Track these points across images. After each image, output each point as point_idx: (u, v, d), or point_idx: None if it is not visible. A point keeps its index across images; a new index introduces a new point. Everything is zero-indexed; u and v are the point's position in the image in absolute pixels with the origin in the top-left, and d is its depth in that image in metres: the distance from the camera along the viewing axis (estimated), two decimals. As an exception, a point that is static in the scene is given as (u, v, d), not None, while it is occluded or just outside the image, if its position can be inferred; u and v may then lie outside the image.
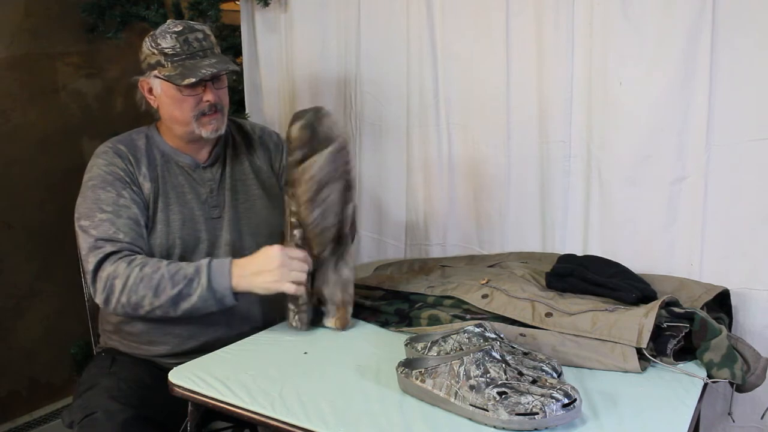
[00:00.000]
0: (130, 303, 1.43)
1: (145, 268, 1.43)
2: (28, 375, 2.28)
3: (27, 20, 2.18)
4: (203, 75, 1.49)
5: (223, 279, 1.42)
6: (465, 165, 1.90)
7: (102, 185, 1.52)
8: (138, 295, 1.42)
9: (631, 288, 1.44)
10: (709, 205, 1.55)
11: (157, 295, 1.41)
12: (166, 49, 1.51)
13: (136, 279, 1.42)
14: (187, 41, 1.52)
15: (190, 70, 1.49)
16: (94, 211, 1.49)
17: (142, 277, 1.42)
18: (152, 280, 1.42)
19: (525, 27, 1.72)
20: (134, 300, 1.42)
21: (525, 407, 1.06)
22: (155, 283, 1.42)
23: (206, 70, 1.50)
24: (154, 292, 1.41)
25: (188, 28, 1.54)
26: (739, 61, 1.48)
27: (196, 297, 1.42)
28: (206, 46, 1.54)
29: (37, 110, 2.24)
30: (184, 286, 1.41)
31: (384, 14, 1.95)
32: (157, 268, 1.43)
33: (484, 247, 1.90)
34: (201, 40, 1.54)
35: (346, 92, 2.07)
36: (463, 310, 1.49)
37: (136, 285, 1.42)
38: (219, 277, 1.42)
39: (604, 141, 1.66)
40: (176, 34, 1.52)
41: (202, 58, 1.52)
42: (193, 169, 1.61)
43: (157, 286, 1.41)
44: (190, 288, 1.41)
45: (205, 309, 1.44)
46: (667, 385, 1.23)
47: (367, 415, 1.14)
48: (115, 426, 1.33)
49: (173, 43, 1.51)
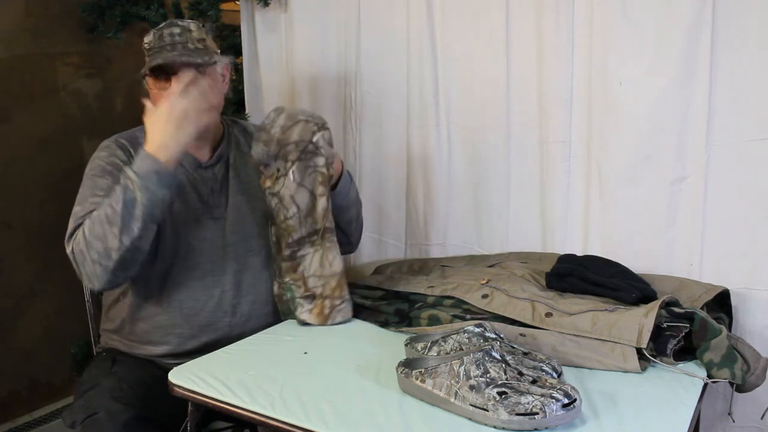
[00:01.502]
0: (100, 253, 1.38)
1: (92, 214, 1.41)
2: (28, 375, 2.28)
3: (27, 20, 2.18)
4: (150, 65, 1.50)
5: (142, 161, 1.38)
6: (465, 165, 1.90)
7: (100, 174, 1.52)
8: (100, 239, 1.38)
9: (631, 288, 1.45)
10: (709, 205, 1.55)
11: (112, 223, 1.37)
12: (145, 44, 1.55)
13: (90, 227, 1.40)
14: (161, 36, 1.53)
15: (151, 63, 1.51)
16: (87, 197, 1.49)
17: (93, 221, 1.40)
18: (101, 215, 1.39)
19: (525, 27, 1.72)
20: (101, 246, 1.38)
21: (525, 407, 1.06)
22: (104, 215, 1.38)
23: (157, 61, 1.50)
24: (108, 221, 1.37)
25: (169, 24, 1.56)
26: (739, 61, 1.48)
27: (138, 192, 1.36)
28: (179, 40, 1.53)
29: (37, 110, 2.24)
30: (123, 194, 1.37)
31: (384, 14, 1.95)
32: (100, 207, 1.41)
33: (484, 247, 1.90)
34: (175, 34, 1.53)
35: (346, 92, 2.07)
36: (463, 310, 1.49)
37: (93, 231, 1.39)
38: (139, 162, 1.39)
39: (604, 141, 1.66)
40: (157, 30, 1.54)
41: (168, 51, 1.51)
42: (194, 169, 1.61)
43: (107, 216, 1.38)
44: (129, 193, 1.37)
45: (158, 199, 1.39)
46: (667, 385, 1.23)
47: (367, 414, 1.14)
48: (117, 426, 1.33)
49: (151, 39, 1.54)
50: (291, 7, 2.11)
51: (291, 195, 1.54)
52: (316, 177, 1.55)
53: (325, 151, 1.55)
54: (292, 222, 1.55)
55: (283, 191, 1.54)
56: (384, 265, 1.93)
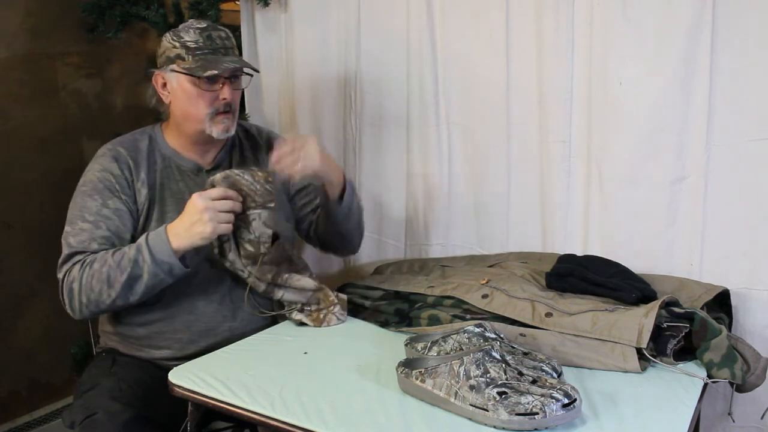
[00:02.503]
0: (91, 301, 1.44)
1: (94, 264, 1.44)
2: (28, 375, 2.28)
3: (27, 20, 2.18)
4: (225, 69, 1.50)
5: (164, 247, 1.42)
6: (465, 165, 1.90)
7: (90, 192, 1.52)
8: (95, 292, 1.43)
9: (631, 288, 1.45)
10: (709, 205, 1.55)
11: (111, 286, 1.42)
12: (189, 43, 1.52)
13: (89, 277, 1.43)
14: (210, 37, 1.53)
15: (212, 63, 1.50)
16: (77, 219, 1.51)
17: (93, 273, 1.43)
18: (102, 273, 1.42)
19: (525, 27, 1.72)
20: (93, 297, 1.44)
21: (525, 407, 1.06)
22: (105, 275, 1.42)
23: (228, 64, 1.51)
24: (108, 284, 1.42)
25: (212, 26, 1.56)
26: (739, 61, 1.48)
27: (146, 274, 1.42)
28: (228, 45, 1.56)
29: (37, 110, 2.24)
30: (132, 268, 1.42)
31: (384, 14, 1.95)
32: (104, 261, 1.43)
33: (485, 247, 1.90)
34: (224, 38, 1.56)
35: (346, 92, 2.06)
36: (463, 310, 1.49)
37: (90, 282, 1.43)
38: (159, 247, 1.42)
39: (604, 141, 1.66)
40: (200, 30, 1.53)
41: (224, 55, 1.53)
42: (195, 174, 1.61)
43: (108, 278, 1.42)
44: (138, 268, 1.42)
45: (161, 283, 1.45)
46: (667, 385, 1.23)
47: (367, 414, 1.14)
48: (116, 426, 1.32)
49: (196, 38, 1.52)
50: (291, 7, 2.11)
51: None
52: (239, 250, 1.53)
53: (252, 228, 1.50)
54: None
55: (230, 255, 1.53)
56: (384, 265, 1.93)
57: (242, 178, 1.46)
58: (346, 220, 1.68)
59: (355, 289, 1.70)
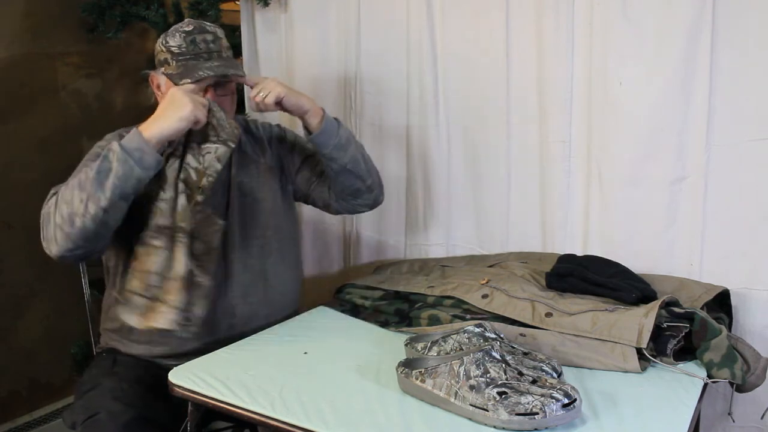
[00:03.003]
0: (64, 217, 1.35)
1: (70, 180, 1.39)
2: (28, 375, 2.28)
3: (27, 20, 2.18)
4: (200, 77, 1.47)
5: (134, 137, 1.36)
6: (465, 165, 1.90)
7: (92, 158, 1.48)
8: (68, 202, 1.35)
9: (631, 288, 1.45)
10: (709, 205, 1.55)
11: (83, 188, 1.34)
12: (173, 48, 1.51)
13: (63, 191, 1.38)
14: (194, 42, 1.51)
15: (190, 70, 1.48)
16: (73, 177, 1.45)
17: (67, 186, 1.38)
18: (73, 182, 1.37)
19: (525, 27, 1.72)
20: (66, 210, 1.35)
21: (525, 407, 1.06)
22: (77, 180, 1.36)
23: (205, 72, 1.48)
24: (79, 187, 1.35)
25: (199, 28, 1.53)
26: (739, 61, 1.48)
27: (116, 163, 1.33)
28: (213, 48, 1.52)
29: (37, 110, 2.24)
30: (101, 162, 1.34)
31: (384, 14, 1.95)
32: (78, 171, 1.38)
33: (485, 247, 1.90)
34: (209, 41, 1.52)
35: (346, 92, 2.06)
36: (463, 310, 1.49)
37: (63, 195, 1.37)
38: (130, 138, 1.37)
39: (604, 141, 1.66)
40: (185, 34, 1.51)
41: (206, 60, 1.50)
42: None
43: (80, 181, 1.35)
44: (107, 161, 1.34)
45: (132, 176, 1.35)
46: (667, 385, 1.23)
47: (367, 414, 1.14)
48: (118, 427, 1.32)
49: (180, 42, 1.50)
50: (291, 7, 2.11)
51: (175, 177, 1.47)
52: (179, 172, 1.47)
53: (203, 159, 1.46)
54: (163, 206, 1.48)
55: (168, 171, 1.47)
56: (384, 265, 1.93)
57: (217, 111, 1.44)
58: (341, 150, 1.60)
59: (355, 289, 1.70)
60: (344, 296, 1.71)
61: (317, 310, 1.68)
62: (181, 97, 1.39)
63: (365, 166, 1.68)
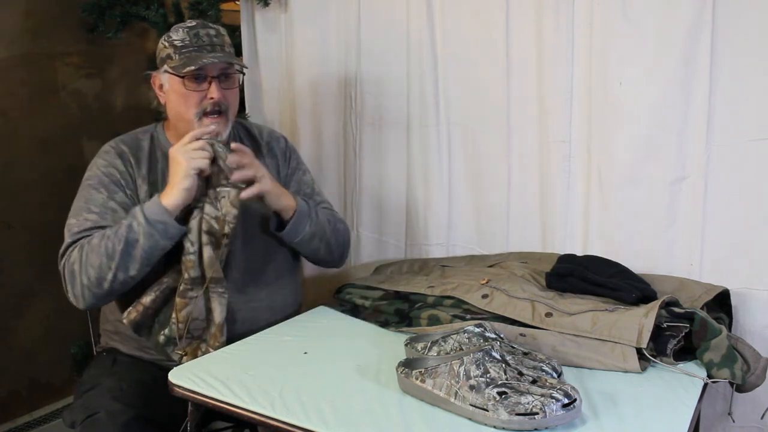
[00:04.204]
0: (92, 281, 1.41)
1: (93, 240, 1.43)
2: (28, 375, 2.28)
3: (27, 20, 2.18)
4: (203, 63, 1.48)
5: (155, 207, 1.41)
6: (465, 165, 1.90)
7: (96, 186, 1.52)
8: (95, 267, 1.41)
9: (631, 288, 1.45)
10: (709, 205, 1.55)
11: (111, 257, 1.40)
12: (176, 42, 1.52)
13: (88, 253, 1.42)
14: (197, 35, 1.52)
15: (193, 60, 1.49)
16: (82, 210, 1.50)
17: (92, 248, 1.42)
18: (101, 246, 1.41)
19: (525, 27, 1.72)
20: (94, 275, 1.41)
21: (525, 407, 1.06)
22: (104, 248, 1.40)
23: (208, 60, 1.49)
24: (107, 255, 1.40)
25: (202, 24, 1.55)
26: (739, 61, 1.48)
27: (142, 237, 1.40)
28: (216, 42, 1.54)
29: (37, 110, 2.24)
30: (127, 233, 1.40)
31: (384, 14, 1.95)
32: (102, 235, 1.42)
33: (485, 247, 1.90)
34: (212, 35, 1.54)
35: (347, 92, 2.06)
36: (463, 310, 1.49)
37: (90, 258, 1.41)
38: (151, 208, 1.41)
39: (604, 141, 1.66)
40: (188, 29, 1.53)
41: (209, 52, 1.52)
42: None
43: (107, 249, 1.40)
44: (133, 233, 1.40)
45: (158, 247, 1.42)
46: (667, 385, 1.23)
47: (367, 414, 1.14)
48: (117, 426, 1.33)
49: (183, 36, 1.52)
50: (291, 7, 2.11)
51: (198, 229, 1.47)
52: (201, 223, 1.47)
53: (220, 205, 1.47)
54: (191, 258, 1.47)
55: (192, 223, 1.47)
56: (384, 265, 1.93)
57: (221, 151, 1.46)
58: (302, 246, 1.63)
59: (355, 289, 1.70)
60: (344, 296, 1.71)
61: (317, 310, 1.68)
62: (174, 156, 1.44)
63: (326, 249, 1.68)
